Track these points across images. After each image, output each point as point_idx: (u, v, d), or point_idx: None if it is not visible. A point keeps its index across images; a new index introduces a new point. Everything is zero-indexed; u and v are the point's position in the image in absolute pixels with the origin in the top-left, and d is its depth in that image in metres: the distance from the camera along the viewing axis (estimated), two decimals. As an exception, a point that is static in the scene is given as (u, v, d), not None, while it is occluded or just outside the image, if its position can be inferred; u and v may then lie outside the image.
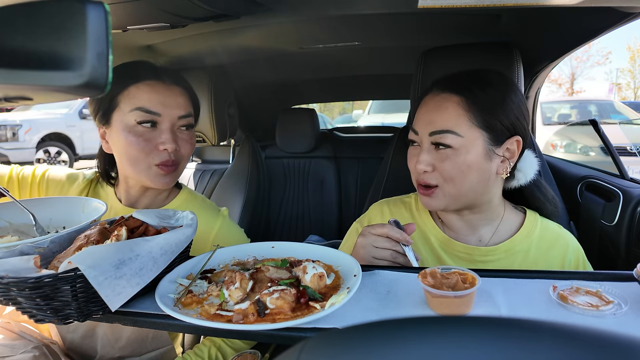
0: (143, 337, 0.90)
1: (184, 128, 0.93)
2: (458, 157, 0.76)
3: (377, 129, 2.76)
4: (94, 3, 0.34)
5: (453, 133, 0.76)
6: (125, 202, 0.98)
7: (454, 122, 0.76)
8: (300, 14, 1.05)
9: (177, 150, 0.90)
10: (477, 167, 0.77)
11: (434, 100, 0.80)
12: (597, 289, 0.57)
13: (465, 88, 0.77)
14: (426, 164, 0.79)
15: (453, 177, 0.77)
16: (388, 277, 0.66)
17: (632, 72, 20.13)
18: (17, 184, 0.97)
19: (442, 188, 0.79)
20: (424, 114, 0.81)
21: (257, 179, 1.76)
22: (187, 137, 0.94)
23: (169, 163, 0.89)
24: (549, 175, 1.27)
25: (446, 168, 0.77)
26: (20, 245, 0.61)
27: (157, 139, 0.88)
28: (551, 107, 6.82)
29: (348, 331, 0.24)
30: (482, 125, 0.76)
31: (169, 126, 0.89)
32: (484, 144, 0.77)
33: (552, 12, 0.96)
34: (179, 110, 0.91)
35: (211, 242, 0.98)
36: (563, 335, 0.21)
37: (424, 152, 0.79)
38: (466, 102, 0.76)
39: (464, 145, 0.76)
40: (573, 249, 0.85)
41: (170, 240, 0.63)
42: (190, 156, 0.96)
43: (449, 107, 0.77)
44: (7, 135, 6.29)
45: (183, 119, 0.92)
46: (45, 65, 0.34)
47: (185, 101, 0.94)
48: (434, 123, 0.78)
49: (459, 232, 0.87)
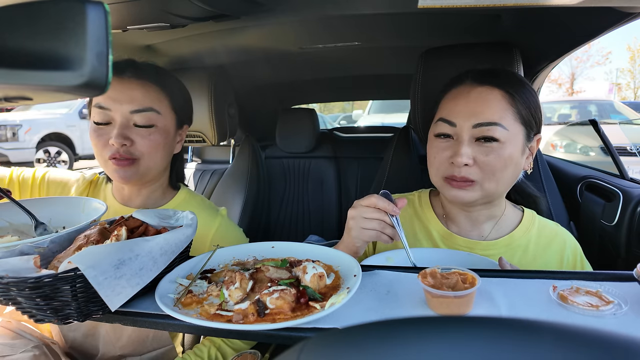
0: (144, 337, 0.90)
1: (141, 123, 0.89)
2: (503, 150, 0.76)
3: (377, 129, 2.76)
4: (94, 3, 0.34)
5: (501, 126, 0.76)
6: (120, 201, 0.98)
7: (501, 115, 0.76)
8: (300, 14, 1.05)
9: (127, 145, 0.87)
10: (515, 161, 0.78)
11: (474, 92, 0.79)
12: (597, 289, 0.57)
13: (506, 83, 0.78)
14: (468, 156, 0.76)
15: (495, 172, 0.76)
16: (388, 277, 0.66)
17: (632, 72, 20.14)
18: (17, 186, 0.98)
19: (481, 183, 0.78)
20: (464, 105, 0.79)
21: (257, 179, 1.76)
22: (145, 132, 0.89)
23: (117, 157, 0.87)
24: (549, 175, 1.27)
25: (490, 162, 0.76)
26: (20, 245, 0.61)
27: (110, 133, 0.88)
28: (551, 107, 6.82)
29: (348, 331, 0.24)
30: (522, 120, 0.78)
31: (120, 121, 0.88)
32: (522, 139, 0.78)
33: (552, 12, 0.96)
34: (130, 105, 0.88)
35: (210, 242, 0.98)
36: (563, 335, 0.21)
37: (465, 145, 0.77)
38: (510, 97, 0.77)
39: (509, 139, 0.76)
40: (571, 246, 0.86)
41: (170, 240, 0.63)
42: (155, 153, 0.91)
43: (495, 100, 0.77)
44: (7, 135, 6.29)
45: (137, 114, 0.88)
46: (45, 65, 0.34)
47: (142, 95, 0.89)
48: (478, 115, 0.77)
49: (462, 227, 0.88)
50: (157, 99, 0.92)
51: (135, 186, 0.97)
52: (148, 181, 0.96)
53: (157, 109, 0.91)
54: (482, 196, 0.79)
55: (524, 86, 0.80)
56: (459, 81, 0.83)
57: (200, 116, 1.40)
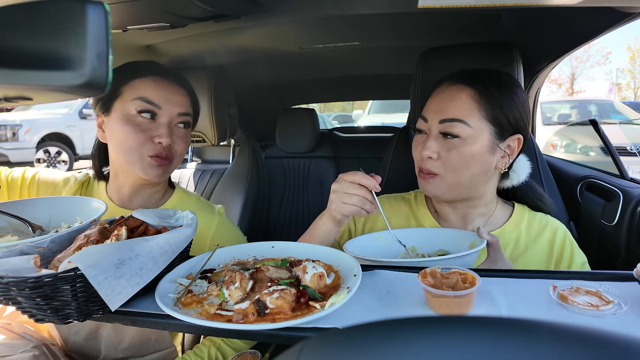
0: (146, 339, 0.90)
1: (181, 125, 0.95)
2: (464, 147, 0.79)
3: (377, 129, 2.76)
4: (94, 3, 0.34)
5: (463, 122, 0.79)
6: (117, 202, 0.97)
7: (465, 112, 0.79)
8: (300, 14, 1.05)
9: (171, 145, 0.92)
10: (480, 159, 0.80)
11: (447, 90, 0.83)
12: (597, 289, 0.57)
13: (480, 82, 0.81)
14: (432, 150, 0.81)
15: (456, 167, 0.80)
16: (388, 277, 0.66)
17: (632, 72, 20.13)
18: (5, 187, 0.96)
19: (443, 177, 0.82)
20: (436, 103, 0.84)
21: (257, 179, 1.76)
22: (183, 134, 0.96)
23: (162, 155, 0.90)
24: (549, 176, 1.27)
25: (451, 157, 0.80)
26: (20, 245, 0.61)
27: (154, 131, 0.90)
28: (551, 107, 6.81)
29: (348, 331, 0.24)
30: (490, 119, 0.80)
31: (167, 120, 0.91)
32: (489, 137, 0.80)
33: (552, 12, 0.96)
34: (179, 107, 0.93)
35: (210, 240, 0.98)
36: (563, 335, 0.21)
37: (431, 139, 0.82)
38: (479, 95, 0.80)
39: (472, 136, 0.79)
40: (560, 233, 0.88)
41: (170, 240, 0.63)
42: (183, 155, 0.98)
43: (462, 98, 0.80)
44: (7, 135, 6.29)
45: (182, 116, 0.94)
46: (45, 65, 0.34)
47: (185, 101, 0.96)
48: (445, 112, 0.81)
49: (454, 224, 0.91)
50: (190, 104, 0.99)
51: (142, 186, 0.97)
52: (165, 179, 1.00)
53: (191, 114, 0.99)
54: (446, 190, 0.83)
55: (502, 87, 0.81)
56: (441, 81, 0.88)
57: (200, 116, 1.39)
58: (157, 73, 0.93)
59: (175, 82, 0.95)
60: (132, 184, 0.95)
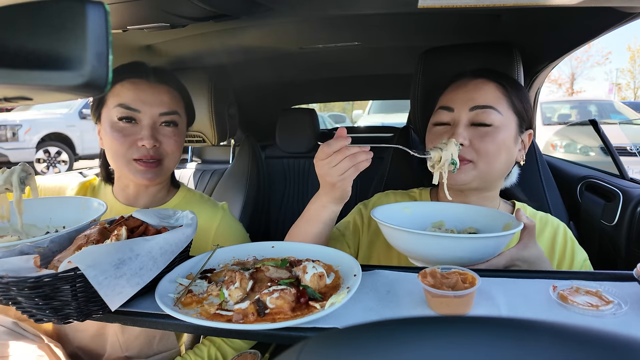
0: (150, 339, 0.90)
1: (166, 125, 0.94)
2: (498, 134, 0.81)
3: (377, 129, 2.76)
4: (94, 3, 0.34)
5: (495, 110, 0.81)
6: (124, 202, 0.99)
7: (496, 101, 0.82)
8: (301, 14, 1.05)
9: (157, 146, 0.91)
10: (509, 148, 0.83)
11: (471, 83, 0.86)
12: (597, 289, 0.57)
13: (501, 77, 0.85)
14: (464, 137, 0.81)
15: (489, 154, 0.81)
16: (388, 277, 0.66)
17: (632, 72, 20.13)
18: None
19: (476, 163, 0.82)
20: (462, 94, 0.85)
21: (257, 179, 1.76)
22: (171, 133, 0.95)
23: (147, 158, 0.90)
24: (549, 176, 1.27)
25: (484, 144, 0.81)
26: (20, 245, 0.61)
27: (137, 134, 0.90)
28: (551, 107, 6.81)
29: (348, 331, 0.24)
30: (515, 110, 0.83)
31: (148, 122, 0.91)
32: (515, 128, 0.83)
33: (552, 12, 0.96)
34: (160, 108, 0.92)
35: (213, 236, 0.99)
36: (563, 335, 0.21)
37: (461, 127, 0.82)
38: (503, 88, 0.83)
39: (503, 123, 0.81)
40: (561, 231, 0.88)
41: (170, 240, 0.63)
42: (176, 153, 0.97)
43: (490, 89, 0.83)
44: (7, 135, 6.29)
45: (165, 116, 0.93)
46: (45, 65, 0.34)
47: (169, 99, 0.95)
48: (475, 100, 0.83)
49: None
50: (177, 102, 0.97)
51: (145, 186, 0.97)
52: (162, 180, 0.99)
53: (179, 111, 0.97)
54: (476, 177, 0.83)
55: (517, 84, 0.87)
56: (458, 76, 0.90)
57: (200, 116, 1.40)
58: (135, 75, 0.92)
59: (156, 81, 0.94)
60: (136, 184, 0.97)
